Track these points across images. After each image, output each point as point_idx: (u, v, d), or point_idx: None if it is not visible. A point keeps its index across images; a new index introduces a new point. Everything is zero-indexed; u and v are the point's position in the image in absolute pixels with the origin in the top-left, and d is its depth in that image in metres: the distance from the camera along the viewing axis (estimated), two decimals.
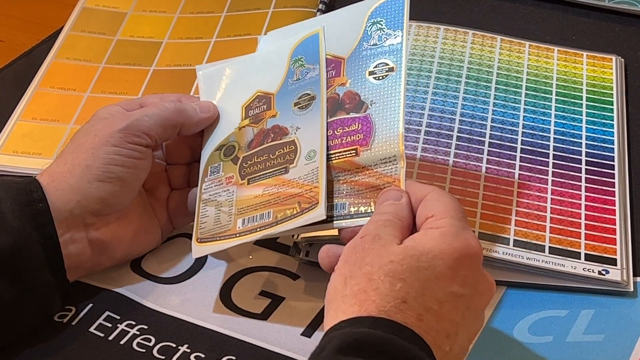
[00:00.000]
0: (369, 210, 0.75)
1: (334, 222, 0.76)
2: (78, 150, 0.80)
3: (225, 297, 0.82)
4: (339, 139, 0.78)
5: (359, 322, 0.65)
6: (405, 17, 0.80)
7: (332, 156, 0.78)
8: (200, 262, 0.85)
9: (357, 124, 0.78)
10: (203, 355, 0.77)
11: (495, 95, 0.97)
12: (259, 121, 0.84)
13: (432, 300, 0.67)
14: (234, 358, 0.77)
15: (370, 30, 0.82)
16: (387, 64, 0.80)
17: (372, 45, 0.81)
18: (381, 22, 0.81)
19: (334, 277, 0.70)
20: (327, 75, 0.82)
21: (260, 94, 0.85)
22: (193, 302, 0.81)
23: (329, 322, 0.67)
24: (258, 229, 0.78)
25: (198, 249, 0.80)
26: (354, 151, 0.78)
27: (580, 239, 0.84)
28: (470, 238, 0.70)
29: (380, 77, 0.79)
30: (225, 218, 0.80)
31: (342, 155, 0.78)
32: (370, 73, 0.80)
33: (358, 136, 0.78)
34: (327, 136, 0.79)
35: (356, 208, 0.76)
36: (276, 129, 0.82)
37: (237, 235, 0.79)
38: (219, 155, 0.84)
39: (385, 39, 0.81)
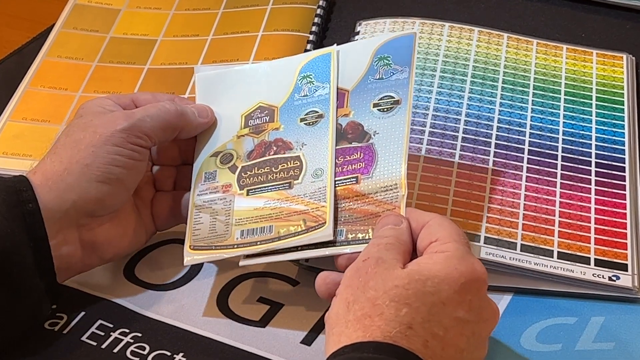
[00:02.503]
0: (367, 237, 0.76)
1: (334, 247, 0.76)
2: (76, 147, 0.79)
3: (222, 303, 0.82)
4: (340, 167, 0.80)
5: (363, 347, 0.65)
6: (414, 54, 0.82)
7: None
8: (196, 268, 0.84)
9: (359, 152, 0.80)
10: None
11: (501, 94, 0.97)
12: (260, 132, 0.84)
13: (438, 326, 0.67)
14: None
15: (376, 65, 0.83)
16: (392, 97, 0.81)
17: (378, 79, 0.83)
18: (388, 59, 0.83)
19: (336, 301, 0.70)
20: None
21: (262, 105, 0.86)
22: (189, 308, 0.81)
23: (331, 347, 0.67)
24: (259, 242, 0.78)
25: (191, 257, 0.80)
26: (354, 179, 0.79)
27: (589, 243, 0.83)
28: (476, 263, 0.71)
29: (385, 109, 0.81)
30: (222, 227, 0.80)
31: (342, 182, 0.79)
32: (375, 105, 0.82)
33: (359, 164, 0.79)
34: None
35: (354, 235, 0.76)
36: (279, 142, 0.83)
37: (235, 246, 0.79)
38: (214, 162, 0.84)
39: (391, 74, 0.82)
